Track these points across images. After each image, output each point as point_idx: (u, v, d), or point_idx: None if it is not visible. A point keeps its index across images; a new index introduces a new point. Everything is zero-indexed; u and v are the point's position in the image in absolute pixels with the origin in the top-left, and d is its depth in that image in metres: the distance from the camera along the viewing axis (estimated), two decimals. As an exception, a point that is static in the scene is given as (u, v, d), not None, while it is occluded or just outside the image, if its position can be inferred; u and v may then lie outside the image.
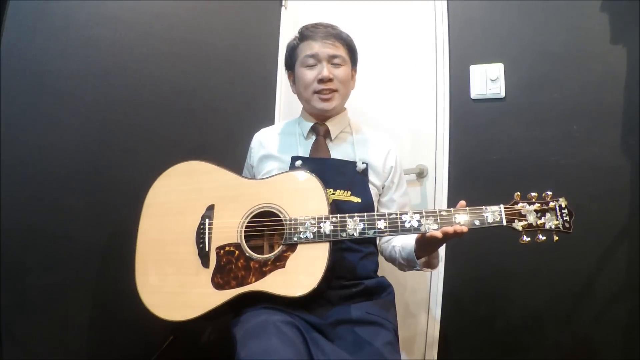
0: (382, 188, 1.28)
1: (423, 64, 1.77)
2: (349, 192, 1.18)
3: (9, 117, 1.22)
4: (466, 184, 1.63)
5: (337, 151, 1.27)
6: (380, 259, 1.29)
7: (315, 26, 1.27)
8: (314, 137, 1.29)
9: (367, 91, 1.41)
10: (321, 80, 1.22)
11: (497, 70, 1.60)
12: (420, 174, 1.73)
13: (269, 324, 1.00)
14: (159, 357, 1.44)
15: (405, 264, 1.19)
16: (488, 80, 1.61)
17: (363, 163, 1.23)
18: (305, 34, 1.27)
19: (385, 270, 1.31)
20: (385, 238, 1.28)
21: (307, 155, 1.25)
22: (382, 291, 1.21)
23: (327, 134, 1.28)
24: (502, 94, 1.60)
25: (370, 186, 1.23)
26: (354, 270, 1.17)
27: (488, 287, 1.57)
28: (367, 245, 1.22)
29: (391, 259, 1.25)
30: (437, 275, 1.63)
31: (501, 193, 1.56)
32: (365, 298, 1.16)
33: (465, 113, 1.66)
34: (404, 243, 1.19)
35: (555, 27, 1.55)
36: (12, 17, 1.24)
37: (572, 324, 1.45)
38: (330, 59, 1.24)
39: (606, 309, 1.40)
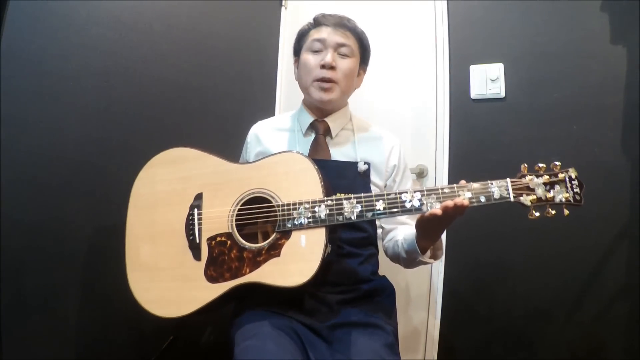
0: (385, 187, 1.24)
1: (423, 64, 1.77)
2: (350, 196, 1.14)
3: (9, 117, 1.22)
4: (466, 184, 1.62)
5: (338, 150, 1.22)
6: (382, 258, 1.28)
7: (332, 15, 1.23)
8: (313, 135, 1.23)
9: (366, 91, 1.41)
10: (323, 67, 1.16)
11: (497, 70, 1.60)
12: (420, 174, 1.73)
13: (265, 327, 1.00)
14: (159, 357, 1.44)
15: (408, 257, 1.15)
16: (488, 80, 1.61)
17: (365, 164, 1.18)
18: (319, 20, 1.23)
19: (386, 271, 1.31)
20: (389, 236, 1.26)
21: (306, 154, 1.19)
22: (382, 292, 1.19)
23: (327, 132, 1.23)
24: (502, 94, 1.60)
25: (373, 187, 1.20)
26: (353, 275, 1.15)
27: (488, 286, 1.57)
28: (367, 247, 1.20)
29: (395, 256, 1.21)
30: (438, 275, 1.63)
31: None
32: (364, 301, 1.13)
33: (465, 113, 1.66)
34: (406, 234, 1.16)
35: (555, 27, 1.55)
36: (12, 17, 1.24)
37: (572, 324, 1.45)
38: (338, 47, 1.18)
39: (606, 309, 1.40)
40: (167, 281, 1.08)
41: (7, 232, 1.21)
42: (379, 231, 1.28)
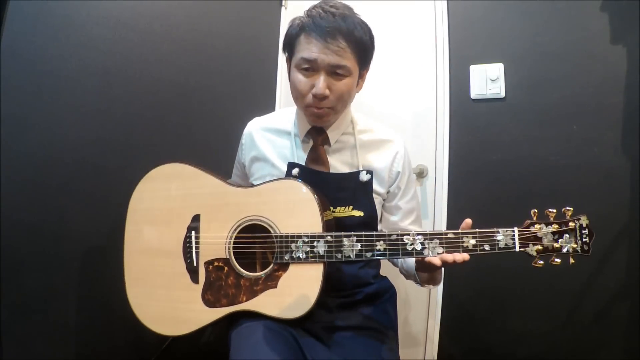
0: (387, 193, 1.18)
1: (423, 64, 1.77)
2: (351, 207, 1.09)
3: (9, 117, 1.22)
4: (466, 184, 1.63)
5: (337, 159, 1.15)
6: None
7: (322, 16, 1.01)
8: (310, 142, 1.15)
9: (366, 91, 1.40)
10: (315, 96, 1.04)
11: (497, 70, 1.60)
12: (420, 174, 1.73)
13: (261, 328, 1.00)
14: (158, 357, 1.44)
15: (406, 274, 1.16)
16: (488, 80, 1.61)
17: (367, 173, 1.10)
18: (307, 25, 1.02)
19: (386, 272, 1.31)
20: None
21: (303, 160, 1.14)
22: (383, 295, 1.18)
23: (325, 141, 1.15)
24: (502, 94, 1.60)
25: (374, 195, 1.14)
26: (354, 280, 1.14)
27: (488, 286, 1.57)
28: None
29: (394, 264, 1.22)
30: (437, 276, 1.63)
31: (501, 193, 1.57)
32: (365, 304, 1.13)
33: (465, 113, 1.66)
34: (407, 258, 1.14)
35: (555, 27, 1.55)
36: (12, 17, 1.24)
37: (572, 324, 1.45)
38: (332, 69, 1.02)
39: (606, 309, 1.40)
40: (165, 301, 1.09)
41: (7, 232, 1.21)
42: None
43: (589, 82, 1.48)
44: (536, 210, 0.95)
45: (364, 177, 1.10)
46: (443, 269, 1.09)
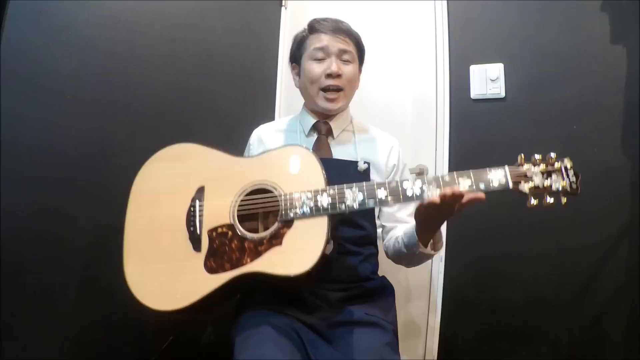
0: None
1: (423, 64, 1.77)
2: None
3: (9, 117, 1.22)
4: (466, 184, 1.62)
5: (339, 150, 1.24)
6: (382, 258, 1.28)
7: (325, 19, 1.24)
8: (315, 136, 1.26)
9: (367, 91, 1.41)
10: (329, 76, 1.19)
11: (497, 70, 1.60)
12: (420, 174, 1.73)
13: (265, 327, 1.00)
14: (159, 357, 1.44)
15: (409, 252, 1.14)
16: (488, 80, 1.61)
17: (365, 163, 1.21)
18: (315, 26, 1.23)
19: (386, 270, 1.31)
20: (389, 235, 1.26)
21: None
22: (382, 292, 1.20)
23: (329, 133, 1.26)
24: (502, 94, 1.60)
25: None
26: (353, 273, 1.15)
27: (488, 284, 1.57)
28: (367, 246, 1.21)
29: (396, 254, 1.21)
30: (438, 273, 1.63)
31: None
32: (364, 299, 1.14)
33: (465, 113, 1.66)
34: (406, 228, 1.16)
35: (555, 27, 1.55)
36: (12, 17, 1.24)
37: (572, 323, 1.45)
38: (340, 54, 1.20)
39: (606, 309, 1.41)
40: (164, 274, 1.05)
41: (7, 232, 1.21)
42: (379, 231, 1.29)
43: (589, 82, 1.48)
44: (523, 155, 1.00)
45: (362, 166, 1.20)
46: (444, 238, 1.16)
